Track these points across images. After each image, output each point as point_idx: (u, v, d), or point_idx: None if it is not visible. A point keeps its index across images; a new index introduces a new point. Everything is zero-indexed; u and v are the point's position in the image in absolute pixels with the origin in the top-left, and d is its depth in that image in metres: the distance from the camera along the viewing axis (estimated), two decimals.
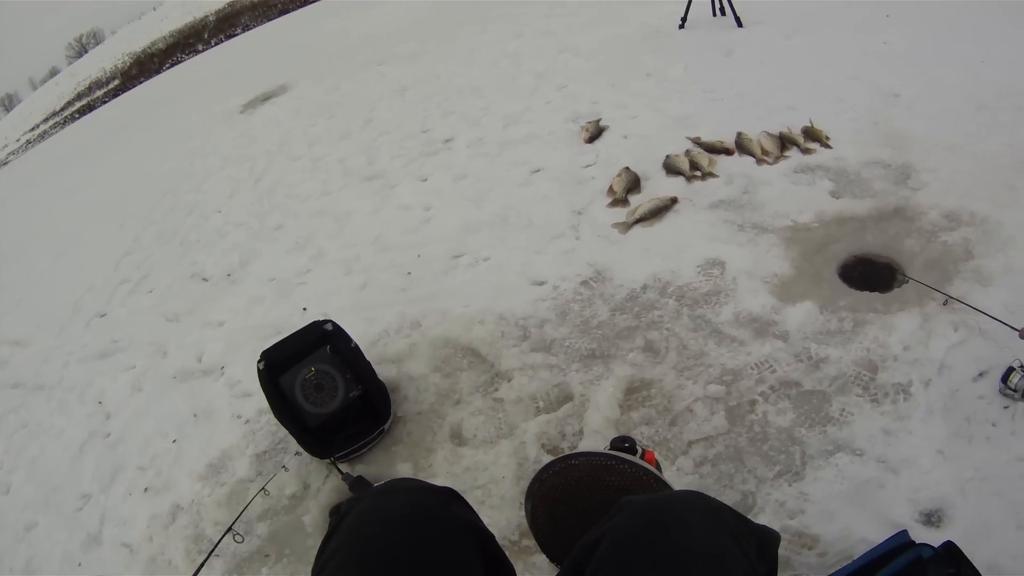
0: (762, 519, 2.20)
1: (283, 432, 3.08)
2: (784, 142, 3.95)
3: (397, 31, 10.64)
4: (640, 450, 1.99)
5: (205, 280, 4.98)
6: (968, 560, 1.88)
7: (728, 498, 2.30)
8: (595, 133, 4.74)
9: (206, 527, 2.99)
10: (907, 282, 2.91)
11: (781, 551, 2.02)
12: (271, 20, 19.36)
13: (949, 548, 1.90)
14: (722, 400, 2.61)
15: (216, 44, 20.03)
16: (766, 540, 1.44)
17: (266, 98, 9.78)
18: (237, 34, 20.11)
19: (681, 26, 6.22)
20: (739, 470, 2.38)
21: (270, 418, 3.13)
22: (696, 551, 1.22)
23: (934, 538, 1.96)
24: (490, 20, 9.06)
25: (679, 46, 5.84)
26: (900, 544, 1.93)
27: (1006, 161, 3.48)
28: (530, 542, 2.30)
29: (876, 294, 2.92)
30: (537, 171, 4.60)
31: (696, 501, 1.35)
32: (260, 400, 3.10)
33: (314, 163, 6.40)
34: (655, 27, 6.42)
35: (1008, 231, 3.02)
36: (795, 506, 2.23)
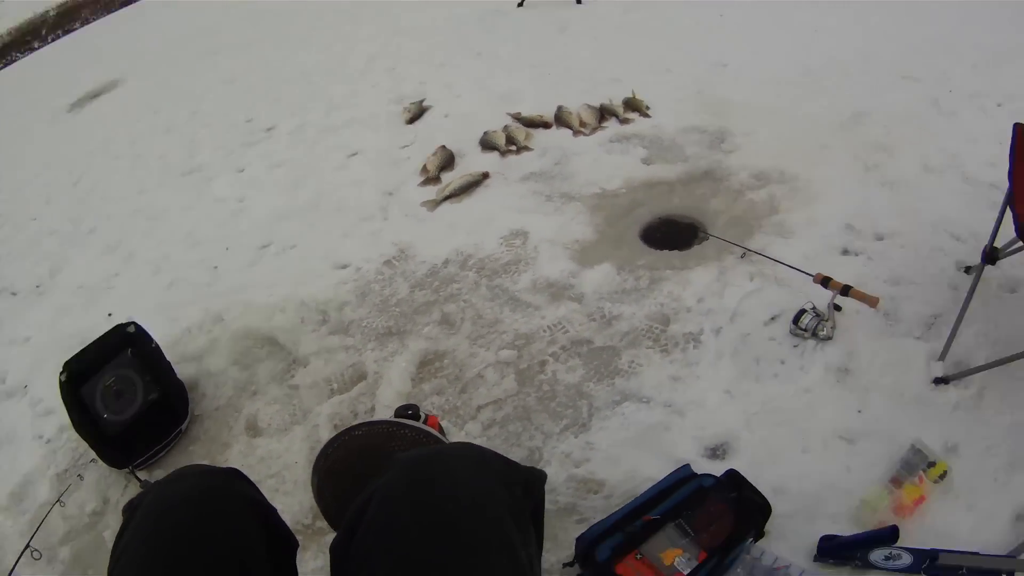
0: (548, 470, 2.35)
1: (84, 446, 3.02)
2: (604, 113, 4.20)
3: (234, 20, 10.65)
4: (423, 415, 2.14)
5: (14, 295, 4.87)
6: (749, 483, 2.17)
7: (515, 454, 2.44)
8: (416, 114, 4.89)
9: (10, 560, 2.96)
10: (707, 239, 3.16)
11: (567, 498, 2.24)
12: (113, 12, 18.85)
13: (730, 474, 2.21)
14: (513, 364, 2.76)
15: (54, 40, 19.27)
16: (532, 479, 1.61)
17: (94, 96, 9.57)
18: (76, 29, 19.43)
19: (520, 4, 6.48)
20: (527, 428, 2.53)
21: (71, 434, 3.07)
22: (460, 497, 1.33)
23: (719, 469, 2.23)
24: (328, 3, 9.22)
25: (515, 24, 6.09)
26: (683, 477, 2.18)
27: (823, 122, 3.83)
28: (323, 523, 2.40)
29: (675, 252, 3.15)
30: (354, 155, 4.72)
31: (462, 451, 1.48)
32: (62, 416, 3.06)
33: (133, 161, 6.34)
34: (494, 6, 6.66)
35: (816, 187, 3.33)
36: (581, 456, 2.40)
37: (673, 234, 3.30)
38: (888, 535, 2.14)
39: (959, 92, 4.16)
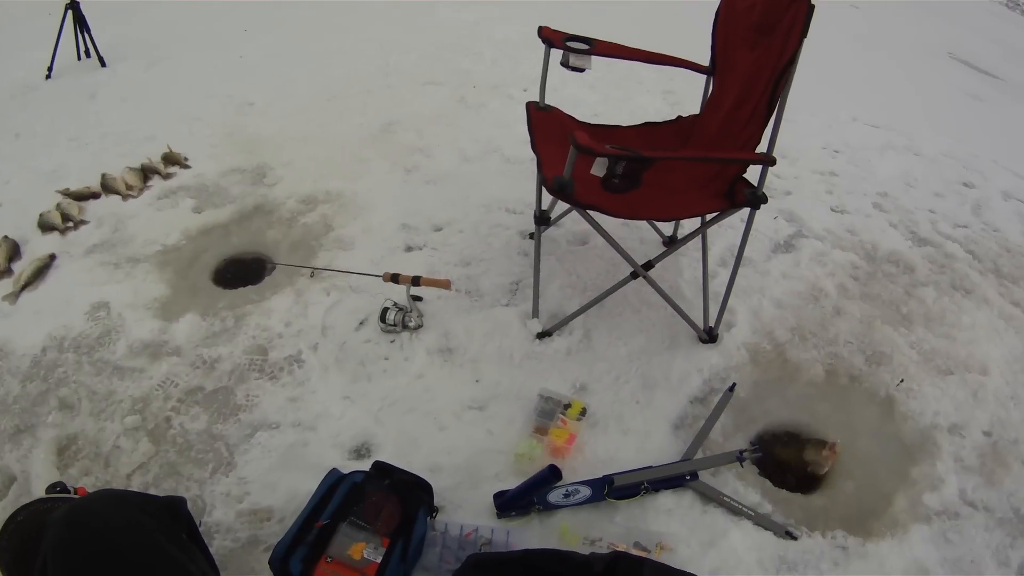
0: (218, 514, 2.48)
1: None
2: (147, 173, 4.27)
3: None
4: (72, 488, 2.21)
5: None
6: (397, 467, 2.43)
7: None
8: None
9: None
10: (275, 268, 3.46)
11: (246, 532, 2.39)
12: None
13: (376, 465, 2.46)
14: (141, 427, 2.83)
15: None
16: (172, 504, 1.84)
17: None
18: None
19: (48, 76, 6.23)
20: (180, 481, 2.63)
21: None
22: (113, 527, 1.58)
23: (367, 465, 2.49)
24: None
25: (46, 98, 5.85)
26: (334, 481, 2.38)
27: (356, 138, 4.26)
28: None
29: (250, 287, 3.41)
30: None
31: (102, 494, 1.75)
32: None
33: None
34: (23, 81, 6.33)
35: (363, 198, 3.76)
36: (240, 491, 2.54)
37: (243, 271, 3.54)
38: (549, 474, 2.46)
39: (483, 86, 4.76)
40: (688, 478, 2.58)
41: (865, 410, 3.07)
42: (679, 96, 4.93)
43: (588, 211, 2.60)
